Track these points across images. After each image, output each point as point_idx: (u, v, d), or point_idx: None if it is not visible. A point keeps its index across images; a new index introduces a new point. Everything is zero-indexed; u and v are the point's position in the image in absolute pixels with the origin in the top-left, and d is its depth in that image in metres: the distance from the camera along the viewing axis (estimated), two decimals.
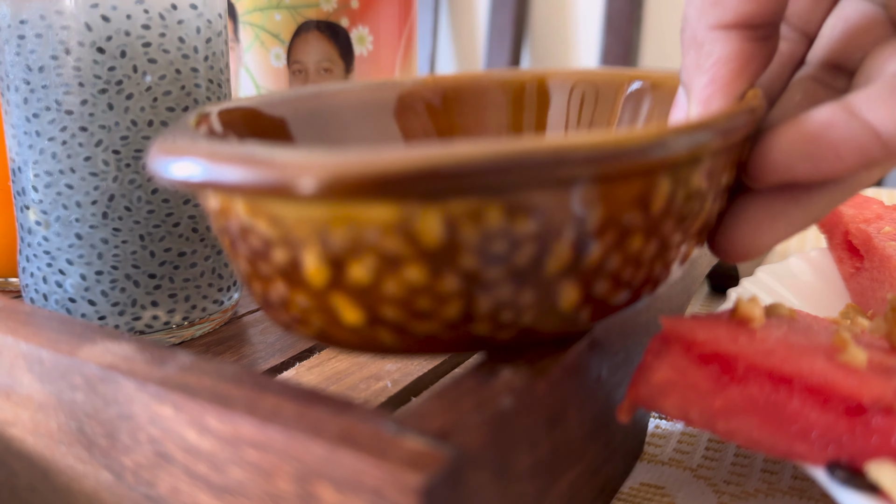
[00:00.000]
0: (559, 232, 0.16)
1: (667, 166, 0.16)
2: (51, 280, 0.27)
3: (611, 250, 0.16)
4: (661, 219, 0.17)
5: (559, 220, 0.15)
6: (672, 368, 0.18)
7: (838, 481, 0.17)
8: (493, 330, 0.17)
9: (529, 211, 0.15)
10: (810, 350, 0.18)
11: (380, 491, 0.14)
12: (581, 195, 0.15)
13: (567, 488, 0.18)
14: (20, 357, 0.19)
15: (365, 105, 0.26)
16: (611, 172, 0.15)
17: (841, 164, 0.18)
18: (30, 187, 0.27)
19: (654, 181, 0.16)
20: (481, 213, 0.15)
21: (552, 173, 0.15)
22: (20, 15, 0.25)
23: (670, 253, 0.18)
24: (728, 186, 0.19)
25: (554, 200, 0.15)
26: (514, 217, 0.15)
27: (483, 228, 0.15)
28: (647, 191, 0.16)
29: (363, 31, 0.39)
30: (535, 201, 0.15)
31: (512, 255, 0.15)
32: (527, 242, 0.15)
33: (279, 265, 0.16)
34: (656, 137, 0.15)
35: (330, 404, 0.16)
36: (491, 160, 0.14)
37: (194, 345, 0.28)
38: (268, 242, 0.16)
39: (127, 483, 0.18)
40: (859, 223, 0.30)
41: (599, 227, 0.16)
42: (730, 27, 0.19)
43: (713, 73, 0.20)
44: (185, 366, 0.18)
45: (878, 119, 0.17)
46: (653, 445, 0.24)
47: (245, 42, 0.40)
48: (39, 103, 0.26)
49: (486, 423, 0.15)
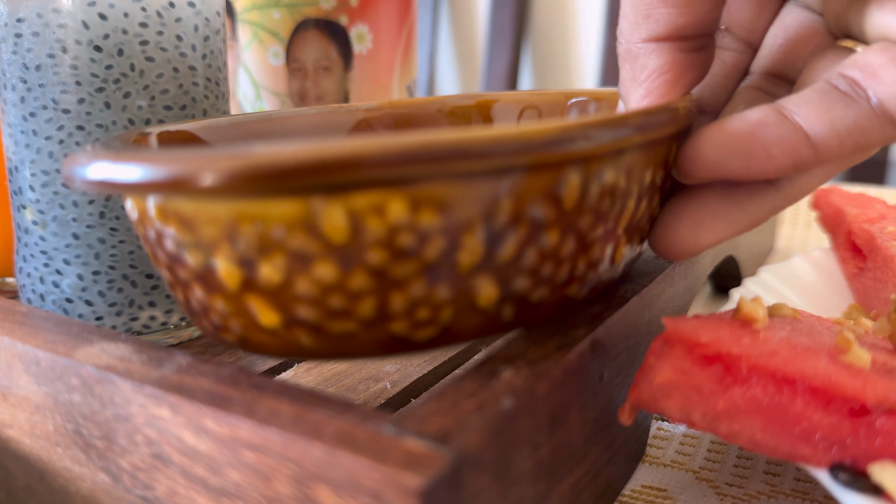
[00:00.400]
0: (468, 225, 0.16)
1: (574, 160, 0.16)
2: (48, 280, 0.27)
3: (525, 245, 0.16)
4: (575, 214, 0.17)
5: (467, 213, 0.15)
6: (674, 369, 0.18)
7: (841, 483, 0.17)
8: (413, 329, 0.17)
9: (435, 204, 0.15)
10: (813, 351, 0.18)
11: (379, 493, 0.13)
12: (487, 188, 0.15)
13: (568, 491, 0.18)
14: (17, 358, 0.19)
15: (315, 130, 0.27)
16: (514, 165, 0.15)
17: (771, 163, 0.18)
18: (26, 187, 0.27)
19: (562, 175, 0.16)
20: (385, 207, 0.15)
21: (453, 166, 0.15)
22: (17, 13, 0.25)
23: (593, 251, 0.18)
24: (658, 187, 0.19)
25: (459, 193, 0.15)
26: (419, 210, 0.15)
27: (388, 222, 0.15)
28: (555, 185, 0.16)
29: (362, 30, 0.39)
30: (441, 194, 0.15)
31: (421, 249, 0.15)
32: (435, 236, 0.15)
33: (194, 269, 0.17)
34: (562, 131, 0.15)
35: (328, 406, 0.15)
36: (388, 153, 0.14)
37: (192, 345, 0.28)
38: (181, 245, 0.16)
39: (124, 485, 0.18)
40: (862, 223, 0.30)
41: (510, 221, 0.16)
42: (662, 39, 0.20)
43: (648, 85, 0.20)
44: (182, 367, 0.17)
45: (808, 121, 0.18)
46: (655, 447, 0.24)
47: (243, 40, 0.40)
48: (36, 102, 0.26)
49: (487, 425, 0.15)
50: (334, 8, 0.38)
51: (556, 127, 0.15)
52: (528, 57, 0.87)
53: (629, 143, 0.17)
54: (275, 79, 0.39)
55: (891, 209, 0.32)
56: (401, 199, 0.15)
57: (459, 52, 0.91)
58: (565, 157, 0.16)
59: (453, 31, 0.91)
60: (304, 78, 0.39)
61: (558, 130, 0.15)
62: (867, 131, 0.18)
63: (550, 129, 0.15)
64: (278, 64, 0.39)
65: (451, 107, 0.29)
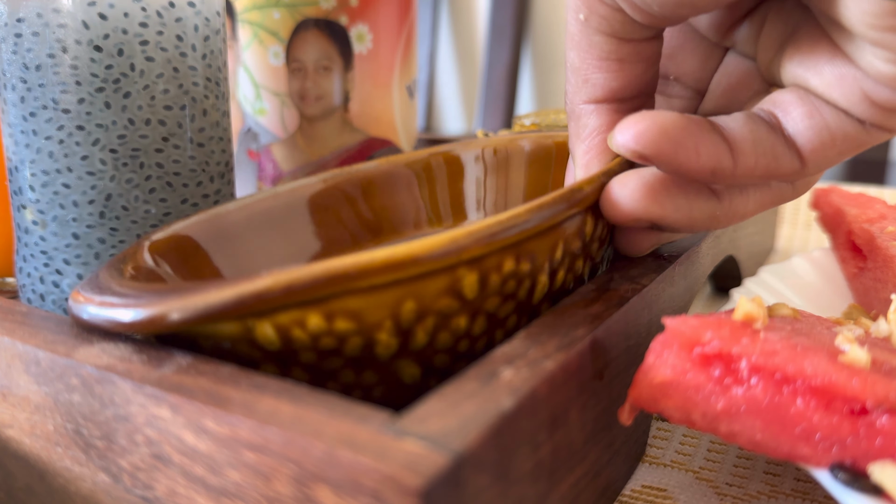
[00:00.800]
0: (380, 325, 0.18)
1: (467, 262, 0.18)
2: (48, 280, 0.27)
3: (436, 332, 0.19)
4: (480, 300, 0.19)
5: (376, 317, 0.18)
6: (674, 369, 0.18)
7: (841, 483, 0.17)
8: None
9: (346, 314, 0.18)
10: (813, 351, 0.18)
11: (379, 494, 0.13)
12: (390, 295, 0.18)
13: (568, 491, 0.18)
14: (17, 358, 0.19)
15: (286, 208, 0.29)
16: (409, 276, 0.18)
17: (697, 160, 0.20)
18: (26, 186, 0.27)
19: (457, 275, 0.18)
20: (304, 320, 0.18)
21: (354, 285, 0.17)
22: (17, 13, 0.25)
23: (509, 322, 0.20)
24: (580, 251, 0.21)
25: (366, 304, 0.18)
26: (334, 320, 0.18)
27: (309, 331, 0.18)
28: (453, 283, 0.18)
29: (362, 29, 0.39)
30: (350, 306, 0.18)
31: (342, 347, 0.18)
32: (352, 337, 0.18)
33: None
34: (450, 242, 0.18)
35: (328, 406, 0.15)
36: (295, 283, 0.17)
37: None
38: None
39: (124, 485, 0.18)
40: (862, 223, 0.30)
41: (416, 317, 0.18)
42: (600, 101, 0.22)
43: (588, 143, 0.23)
44: (182, 367, 0.17)
45: (732, 135, 0.20)
46: (655, 447, 0.24)
47: (243, 40, 0.40)
48: (36, 102, 0.26)
49: (487, 425, 0.15)
50: (334, 8, 0.38)
51: (445, 239, 0.18)
52: (528, 57, 0.87)
53: (523, 237, 0.19)
54: (275, 79, 0.39)
55: (891, 209, 0.31)
56: (317, 313, 0.18)
57: (459, 52, 0.91)
58: (456, 262, 0.18)
59: (453, 31, 0.91)
60: (304, 78, 0.39)
61: (447, 242, 0.18)
62: (779, 158, 0.20)
63: (438, 243, 0.18)
64: (278, 64, 0.39)
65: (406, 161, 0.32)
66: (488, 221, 0.18)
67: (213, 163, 0.28)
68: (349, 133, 0.40)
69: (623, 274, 0.22)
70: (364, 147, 0.40)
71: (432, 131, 0.94)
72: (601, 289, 0.21)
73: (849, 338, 0.19)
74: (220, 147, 0.29)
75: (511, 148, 0.31)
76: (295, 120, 0.40)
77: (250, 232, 0.28)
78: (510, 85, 0.85)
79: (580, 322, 0.19)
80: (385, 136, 0.41)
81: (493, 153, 0.31)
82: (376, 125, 0.41)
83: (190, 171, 0.27)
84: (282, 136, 0.40)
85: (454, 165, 0.32)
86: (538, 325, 0.19)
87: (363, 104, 0.40)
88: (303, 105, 0.39)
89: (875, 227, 0.30)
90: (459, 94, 0.93)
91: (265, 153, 0.41)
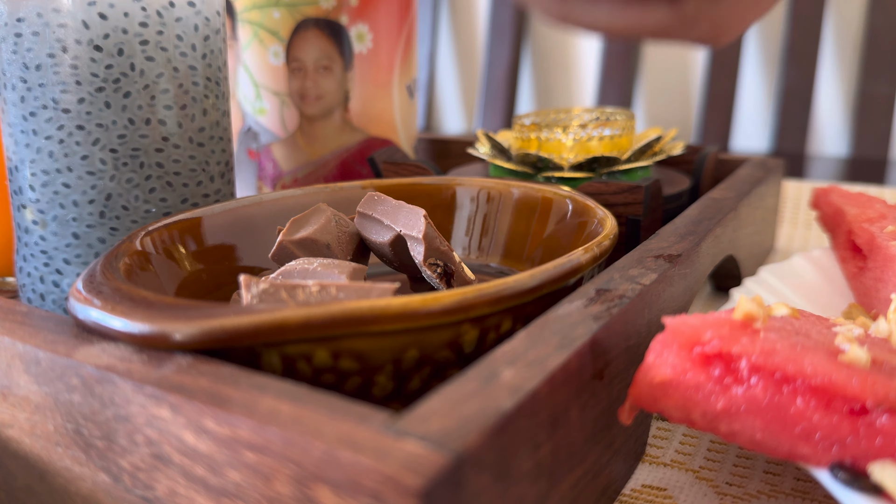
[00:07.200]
0: (380, 369, 0.19)
1: (470, 319, 0.19)
2: (48, 280, 0.27)
3: (430, 378, 0.20)
4: (474, 356, 0.20)
5: (379, 361, 0.19)
6: (674, 369, 0.18)
7: (841, 483, 0.17)
8: None
9: (352, 354, 0.19)
10: (813, 350, 0.18)
11: (379, 494, 0.13)
12: (397, 342, 0.19)
13: (568, 491, 0.18)
14: (17, 357, 0.19)
15: (269, 216, 0.29)
16: (417, 327, 0.19)
17: None
18: (27, 186, 0.27)
19: (460, 330, 0.19)
20: (312, 355, 0.18)
21: (366, 328, 0.18)
22: (17, 13, 0.25)
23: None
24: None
25: (372, 347, 0.19)
26: (340, 358, 0.19)
27: (314, 365, 0.19)
28: (455, 337, 0.19)
29: (363, 29, 0.39)
30: (358, 347, 0.18)
31: (341, 385, 0.19)
32: (352, 376, 0.19)
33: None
34: (459, 298, 0.19)
35: (328, 406, 0.15)
36: (305, 321, 0.17)
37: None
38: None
39: (124, 485, 0.18)
40: (862, 222, 0.30)
41: (415, 365, 0.19)
42: None
43: None
44: (182, 367, 0.17)
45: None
46: (655, 447, 0.24)
47: (243, 40, 0.40)
48: (36, 101, 0.26)
49: (487, 425, 0.15)
50: (334, 7, 0.38)
51: (456, 294, 0.19)
52: (528, 57, 0.87)
53: (525, 300, 0.20)
54: (275, 78, 0.39)
55: (891, 209, 0.31)
56: (325, 349, 0.18)
57: (459, 52, 0.91)
58: (463, 318, 0.19)
59: (453, 31, 0.91)
60: (304, 77, 0.39)
61: (458, 297, 0.19)
62: None
63: (450, 297, 0.19)
64: (278, 63, 0.39)
65: (424, 188, 0.32)
66: (496, 283, 0.19)
67: (213, 163, 0.28)
68: (349, 132, 0.40)
69: (623, 274, 0.22)
70: (364, 146, 0.40)
71: (432, 131, 0.94)
72: (601, 289, 0.21)
73: (849, 337, 0.19)
74: (220, 147, 0.29)
75: (504, 192, 0.31)
76: (295, 119, 0.40)
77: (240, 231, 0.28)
78: (510, 85, 0.85)
79: (580, 322, 0.19)
80: (385, 136, 0.41)
81: (486, 197, 0.31)
82: (376, 125, 0.41)
83: (190, 170, 0.27)
84: (282, 135, 0.40)
85: (454, 199, 0.32)
86: (538, 325, 0.19)
87: (363, 104, 0.40)
88: (303, 105, 0.39)
89: (875, 226, 0.30)
90: (459, 94, 0.93)
91: (265, 153, 0.41)
